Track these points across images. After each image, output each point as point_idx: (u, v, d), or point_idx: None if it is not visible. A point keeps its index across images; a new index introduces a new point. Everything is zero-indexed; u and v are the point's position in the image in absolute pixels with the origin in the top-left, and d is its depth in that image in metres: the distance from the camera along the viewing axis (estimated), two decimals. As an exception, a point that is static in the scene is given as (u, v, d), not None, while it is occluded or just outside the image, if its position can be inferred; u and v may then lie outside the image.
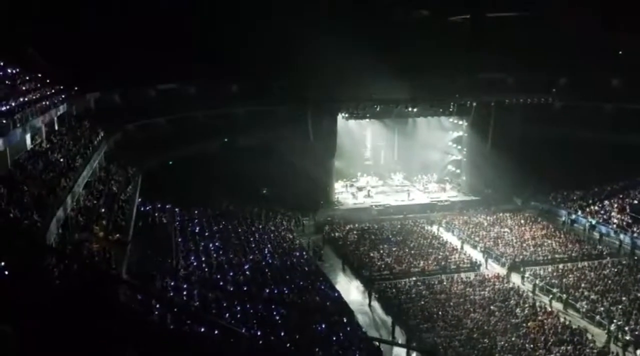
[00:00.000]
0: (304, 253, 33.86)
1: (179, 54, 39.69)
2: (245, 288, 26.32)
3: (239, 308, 23.41)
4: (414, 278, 30.47)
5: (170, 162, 39.93)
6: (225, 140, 44.12)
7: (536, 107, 47.61)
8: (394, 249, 34.85)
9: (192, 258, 28.62)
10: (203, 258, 29.11)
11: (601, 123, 45.90)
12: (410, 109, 47.23)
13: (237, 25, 43.72)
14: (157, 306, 14.66)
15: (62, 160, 24.39)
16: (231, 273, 27.63)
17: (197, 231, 33.93)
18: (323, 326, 22.90)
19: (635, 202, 39.66)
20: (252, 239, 34.49)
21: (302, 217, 41.50)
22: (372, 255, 33.99)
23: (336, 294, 27.72)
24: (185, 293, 23.00)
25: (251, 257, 30.77)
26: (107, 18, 38.52)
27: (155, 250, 26.71)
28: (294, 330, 22.11)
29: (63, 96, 31.80)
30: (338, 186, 48.33)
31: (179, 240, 31.91)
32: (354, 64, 39.51)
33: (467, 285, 29.47)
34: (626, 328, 24.68)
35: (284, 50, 42.73)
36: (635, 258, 34.09)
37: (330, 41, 38.77)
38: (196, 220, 35.78)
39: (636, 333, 24.35)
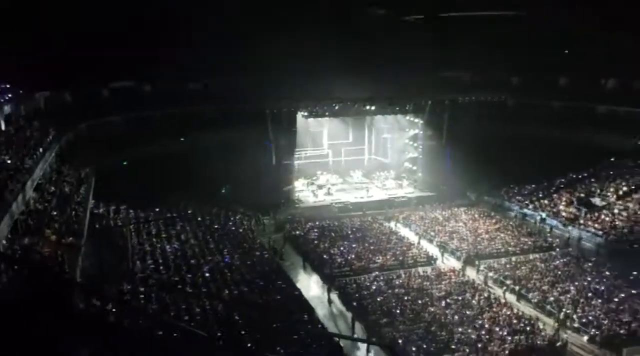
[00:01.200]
0: (265, 252, 33.86)
1: (135, 52, 39.03)
2: (204, 289, 26.18)
3: (198, 309, 23.29)
4: (373, 274, 30.89)
5: (125, 162, 39.21)
6: (182, 139, 43.65)
7: (489, 105, 48.94)
8: (353, 246, 35.23)
9: (149, 260, 28.25)
10: (160, 260, 28.77)
11: (550, 120, 47.56)
12: (368, 107, 47.82)
13: (192, 24, 43.23)
14: (113, 309, 14.48)
15: (9, 161, 23.68)
16: (189, 275, 27.42)
17: (154, 232, 33.48)
18: (284, 324, 23.01)
19: (582, 195, 41.31)
20: (211, 239, 34.26)
21: (263, 216, 41.47)
22: (332, 252, 34.25)
23: (297, 292, 27.85)
24: (142, 296, 22.71)
25: (210, 258, 30.59)
26: (59, 16, 37.53)
27: (111, 253, 26.27)
28: (254, 330, 22.14)
29: (9, 96, 30.84)
30: (298, 184, 48.51)
31: (135, 242, 31.44)
32: (314, 62, 39.74)
33: (424, 279, 30.09)
34: (574, 316, 25.70)
35: (242, 49, 42.55)
36: (582, 249, 35.51)
37: (290, 39, 38.89)
38: (152, 222, 35.28)
39: (584, 320, 25.39)
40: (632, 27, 42.89)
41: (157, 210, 38.19)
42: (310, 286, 30.79)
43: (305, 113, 46.60)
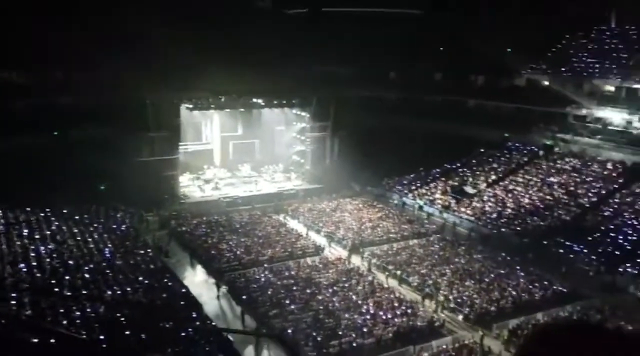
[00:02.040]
0: (149, 250, 32.77)
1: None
2: (84, 291, 24.88)
3: (78, 313, 22.12)
4: (262, 267, 31.07)
5: None
6: (56, 133, 40.80)
7: (371, 99, 50.88)
8: (242, 240, 35.15)
9: (22, 264, 26.30)
10: (34, 263, 26.88)
11: (427, 113, 50.47)
12: (254, 100, 47.74)
13: (70, 16, 40.46)
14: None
15: None
16: (67, 277, 25.90)
17: (25, 234, 31.16)
18: (171, 323, 22.53)
19: (455, 184, 44.41)
20: (90, 239, 32.54)
21: (146, 213, 39.99)
22: (220, 247, 33.95)
23: (184, 290, 27.34)
24: (14, 302, 21.14)
25: (90, 258, 29.08)
26: None
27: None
28: (140, 330, 21.48)
29: None
30: (184, 179, 47.29)
31: (4, 245, 29.10)
32: (197, 55, 38.89)
33: (312, 269, 30.82)
34: (450, 297, 27.65)
35: (123, 39, 40.57)
36: (456, 234, 38.21)
37: (174, 31, 37.75)
38: (24, 222, 32.81)
39: (459, 300, 27.40)
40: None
41: (28, 210, 35.51)
42: (198, 282, 30.30)
43: (190, 106, 45.52)
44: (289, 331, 23.65)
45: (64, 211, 36.76)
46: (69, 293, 24.35)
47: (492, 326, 25.12)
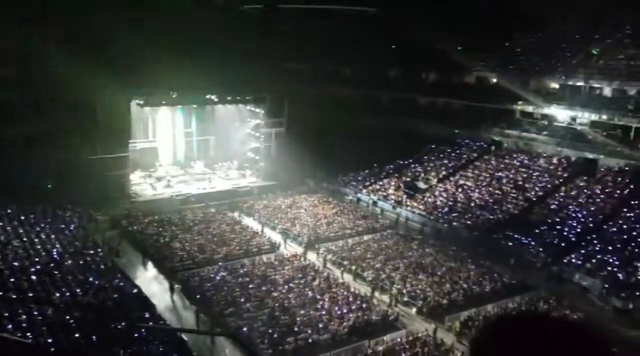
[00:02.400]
0: (99, 250, 31.94)
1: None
2: (31, 294, 24.06)
3: (24, 316, 21.37)
4: (217, 265, 30.77)
5: None
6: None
7: (325, 96, 51.01)
8: (196, 238, 34.72)
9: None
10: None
11: (380, 110, 51.10)
12: (208, 97, 47.11)
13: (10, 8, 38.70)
14: None
15: None
16: (12, 279, 24.98)
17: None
18: (123, 324, 22.06)
19: (408, 179, 45.15)
20: (37, 240, 31.45)
21: (95, 212, 38.90)
22: (173, 246, 33.42)
23: (136, 290, 26.80)
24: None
25: (37, 259, 28.12)
26: None
27: None
28: (91, 332, 20.95)
29: None
30: (135, 177, 46.26)
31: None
32: (149, 50, 38.03)
33: (268, 266, 30.75)
34: (404, 291, 28.12)
35: (71, 32, 39.16)
36: (409, 228, 38.89)
37: (126, 25, 36.75)
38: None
39: (412, 294, 27.89)
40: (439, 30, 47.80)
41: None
42: (151, 282, 29.74)
43: (141, 102, 44.53)
44: (244, 329, 23.53)
45: (8, 211, 35.38)
46: (13, 296, 23.50)
47: (444, 318, 25.71)
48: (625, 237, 32.58)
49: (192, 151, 52.80)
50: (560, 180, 40.40)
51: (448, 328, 25.15)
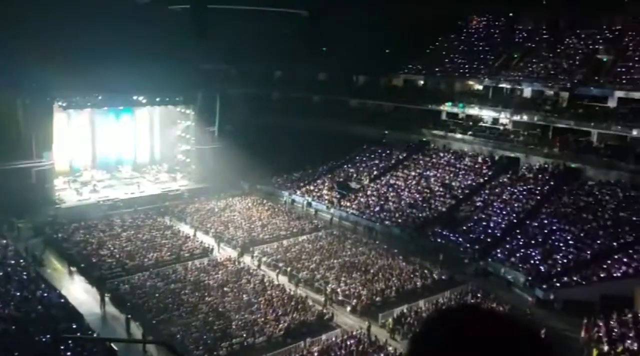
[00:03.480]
0: (21, 260, 30.37)
1: None
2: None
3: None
4: (148, 272, 29.99)
5: None
6: None
7: (257, 97, 50.83)
8: (125, 245, 33.69)
9: None
10: None
11: (312, 112, 51.48)
12: (136, 98, 45.76)
13: None
14: None
15: None
16: None
17: None
18: (48, 337, 21.10)
19: (341, 180, 45.77)
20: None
21: (17, 220, 36.92)
22: (101, 253, 32.28)
23: (62, 300, 25.71)
24: None
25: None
26: None
27: None
28: (13, 347, 19.92)
29: None
30: (59, 182, 44.21)
31: None
32: (74, 50, 36.56)
33: (201, 270, 30.30)
34: (338, 290, 28.46)
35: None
36: (343, 228, 39.39)
37: (49, 23, 35.09)
38: None
39: (346, 293, 28.28)
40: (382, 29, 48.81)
41: None
42: (78, 292, 28.60)
43: (64, 104, 42.67)
44: (178, 336, 23.09)
45: None
46: None
47: (378, 316, 26.24)
48: (546, 231, 34.42)
49: (119, 154, 51.05)
50: (485, 178, 42.13)
51: (381, 325, 25.69)
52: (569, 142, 40.79)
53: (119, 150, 50.82)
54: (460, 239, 35.45)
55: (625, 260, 29.81)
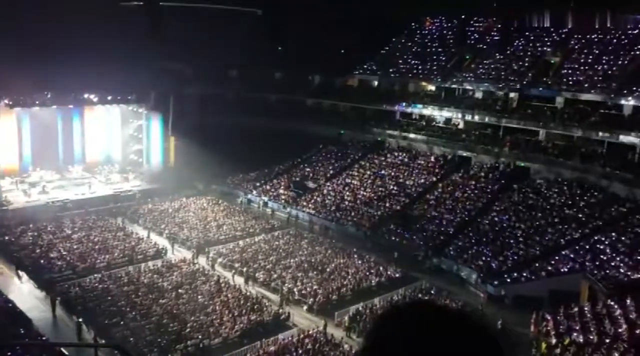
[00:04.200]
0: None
1: None
2: None
3: None
4: (100, 274, 29.32)
5: None
6: None
7: (212, 97, 50.27)
8: (75, 247, 32.83)
9: None
10: None
11: (267, 111, 51.32)
12: (87, 96, 44.57)
13: None
14: None
15: None
16: None
17: None
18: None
19: (297, 179, 45.84)
20: None
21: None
22: (51, 256, 31.36)
23: (10, 304, 24.87)
24: None
25: None
26: None
27: None
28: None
29: None
30: (5, 183, 42.65)
31: None
32: (22, 47, 35.36)
33: (154, 272, 29.84)
34: (295, 290, 28.53)
35: None
36: (300, 227, 39.47)
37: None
38: None
39: (303, 292, 28.38)
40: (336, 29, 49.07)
41: None
42: (26, 296, 27.72)
43: (10, 103, 41.19)
44: (131, 339, 22.68)
45: None
46: None
47: (334, 314, 26.45)
48: (496, 228, 35.44)
49: (70, 154, 49.52)
50: (438, 177, 42.98)
51: (338, 323, 25.91)
52: (518, 141, 42.04)
53: (70, 150, 49.32)
54: (414, 237, 36.08)
55: (572, 256, 30.92)
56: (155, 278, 28.90)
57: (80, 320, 24.31)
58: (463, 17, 52.80)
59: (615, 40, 43.03)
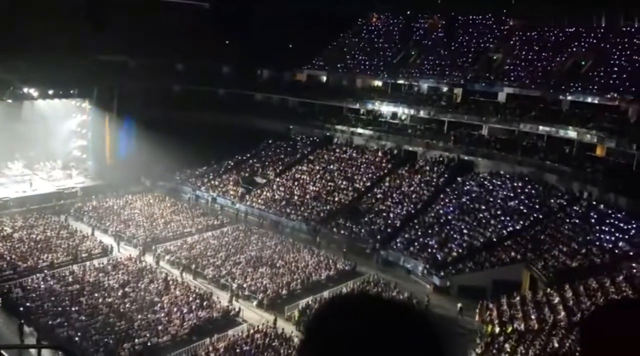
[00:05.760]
0: None
1: None
2: None
3: None
4: (42, 274, 28.47)
5: None
6: None
7: (157, 91, 49.25)
8: (17, 246, 31.73)
9: None
10: None
11: (216, 106, 50.76)
12: (26, 91, 42.86)
13: None
14: None
15: None
16: None
17: None
18: None
19: (246, 175, 45.68)
20: None
21: None
22: (-12, 256, 30.20)
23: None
24: None
25: None
26: None
27: None
28: None
29: None
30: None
31: None
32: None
33: (100, 271, 29.23)
34: (244, 285, 28.57)
35: None
36: (249, 223, 39.42)
37: None
38: None
39: (252, 288, 28.44)
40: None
41: None
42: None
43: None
44: (76, 339, 22.21)
45: None
46: None
47: (284, 309, 26.67)
48: (442, 220, 36.45)
49: (8, 150, 47.50)
50: (385, 171, 43.74)
51: (288, 317, 26.14)
52: (462, 135, 43.27)
53: (9, 145, 47.28)
54: (362, 230, 36.68)
55: (513, 246, 32.18)
56: (101, 277, 28.32)
57: (22, 321, 23.62)
58: (408, 13, 53.78)
59: (553, 38, 44.88)
